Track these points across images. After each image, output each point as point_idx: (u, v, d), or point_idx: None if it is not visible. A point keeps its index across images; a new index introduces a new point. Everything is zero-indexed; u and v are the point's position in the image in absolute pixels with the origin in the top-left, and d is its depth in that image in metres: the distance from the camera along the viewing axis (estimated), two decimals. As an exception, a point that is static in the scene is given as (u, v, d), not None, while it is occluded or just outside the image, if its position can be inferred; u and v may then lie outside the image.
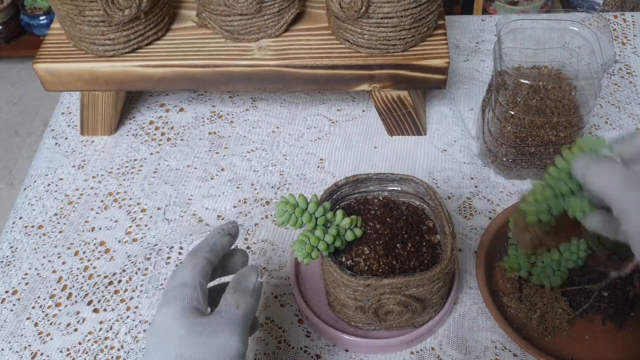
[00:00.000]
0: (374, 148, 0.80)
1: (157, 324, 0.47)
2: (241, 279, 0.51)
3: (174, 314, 0.47)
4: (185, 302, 0.47)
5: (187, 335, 0.46)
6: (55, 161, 0.82)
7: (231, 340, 0.46)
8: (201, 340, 0.45)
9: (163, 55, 0.74)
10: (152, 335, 0.47)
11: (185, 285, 0.48)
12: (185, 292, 0.48)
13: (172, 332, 0.46)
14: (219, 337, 0.46)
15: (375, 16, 0.68)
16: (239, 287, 0.50)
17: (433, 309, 0.60)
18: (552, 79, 0.70)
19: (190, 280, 0.49)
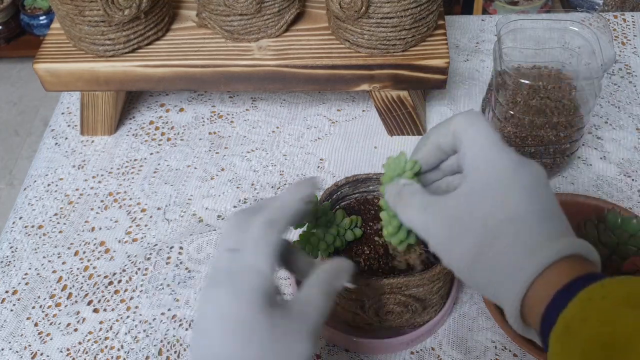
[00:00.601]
0: (374, 148, 0.80)
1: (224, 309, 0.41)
2: (333, 279, 0.44)
3: (249, 308, 0.40)
4: (261, 293, 0.41)
5: (269, 339, 0.40)
6: (55, 161, 0.82)
7: (311, 348, 0.41)
8: (282, 346, 0.40)
9: (163, 55, 0.74)
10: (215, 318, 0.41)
11: (259, 272, 0.41)
12: (260, 280, 0.41)
13: (249, 331, 0.40)
14: (298, 343, 0.40)
15: (375, 16, 0.68)
16: (329, 288, 0.44)
17: (433, 309, 0.60)
18: (552, 79, 0.70)
19: (266, 266, 0.42)
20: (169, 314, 0.66)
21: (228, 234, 0.44)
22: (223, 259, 0.43)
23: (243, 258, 0.42)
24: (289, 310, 0.42)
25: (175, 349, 0.64)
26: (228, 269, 0.42)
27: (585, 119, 0.68)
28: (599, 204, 0.65)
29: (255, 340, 0.40)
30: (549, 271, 0.39)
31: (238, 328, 0.40)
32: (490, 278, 0.41)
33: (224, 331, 0.40)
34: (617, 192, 0.73)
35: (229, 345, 0.40)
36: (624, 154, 0.76)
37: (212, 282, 0.42)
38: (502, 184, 0.42)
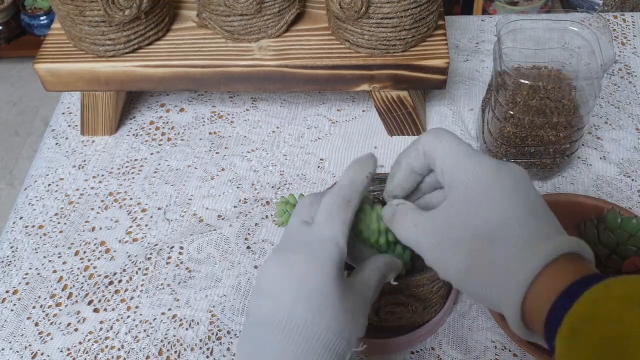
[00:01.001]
0: (374, 148, 0.80)
1: (301, 274, 0.42)
2: (388, 272, 0.47)
3: (327, 277, 0.42)
4: (337, 264, 0.43)
5: (339, 308, 0.42)
6: (55, 161, 0.82)
7: (364, 325, 0.44)
8: (348, 318, 0.42)
9: (163, 55, 0.74)
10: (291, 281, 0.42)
11: (338, 246, 0.43)
12: (338, 253, 0.43)
13: (324, 297, 0.42)
14: (359, 318, 0.43)
15: (375, 16, 0.68)
16: (382, 278, 0.47)
17: (433, 309, 0.60)
18: (552, 79, 0.70)
19: (342, 240, 0.44)
20: (169, 314, 0.66)
21: (302, 208, 0.47)
22: (297, 229, 0.45)
23: (319, 229, 0.44)
24: (353, 287, 0.44)
25: (175, 348, 0.64)
26: (303, 239, 0.44)
27: (585, 119, 0.68)
28: (598, 204, 0.65)
29: (328, 307, 0.41)
30: (545, 273, 0.39)
31: (313, 293, 0.41)
32: (487, 287, 0.41)
33: (300, 292, 0.41)
34: (617, 192, 0.73)
35: (303, 306, 0.41)
36: (623, 154, 0.76)
37: (287, 248, 0.44)
38: (484, 192, 0.42)
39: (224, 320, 0.65)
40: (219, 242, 0.72)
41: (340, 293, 0.42)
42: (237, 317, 0.66)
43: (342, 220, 0.45)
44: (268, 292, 0.43)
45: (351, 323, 0.43)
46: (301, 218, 0.46)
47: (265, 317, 0.42)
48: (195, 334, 0.65)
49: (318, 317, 0.41)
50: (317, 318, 0.41)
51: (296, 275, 0.42)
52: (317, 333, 0.41)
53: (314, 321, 0.41)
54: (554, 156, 0.71)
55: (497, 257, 0.41)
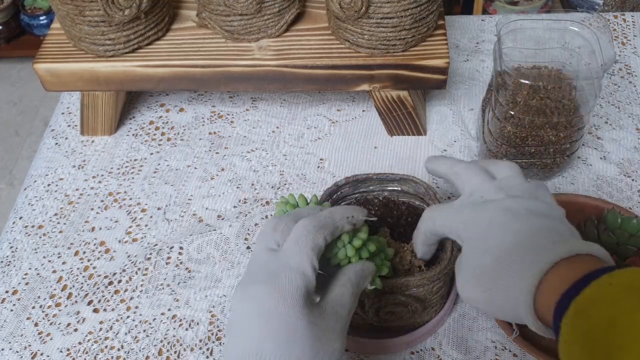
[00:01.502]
0: (374, 148, 0.80)
1: (265, 308, 0.42)
2: (360, 281, 0.47)
3: (292, 307, 0.42)
4: (303, 293, 0.43)
5: (309, 337, 0.42)
6: (55, 161, 0.82)
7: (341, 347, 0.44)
8: (320, 345, 0.42)
9: (163, 55, 0.74)
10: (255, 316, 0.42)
11: (304, 274, 0.43)
12: (304, 281, 0.43)
13: (291, 329, 0.42)
14: (332, 342, 0.43)
15: (375, 16, 0.68)
16: (356, 289, 0.47)
17: (433, 309, 0.60)
18: (552, 79, 0.70)
19: (309, 268, 0.44)
20: (169, 314, 0.66)
21: (267, 234, 0.46)
22: (263, 258, 0.45)
23: (286, 257, 0.44)
24: (324, 310, 0.44)
25: (175, 349, 0.64)
26: (269, 267, 0.44)
27: (585, 119, 0.68)
28: (599, 204, 0.65)
29: (297, 339, 0.41)
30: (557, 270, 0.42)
31: (281, 326, 0.41)
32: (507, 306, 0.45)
33: (266, 329, 0.41)
34: (617, 192, 0.73)
35: (271, 343, 0.41)
36: (624, 154, 0.76)
37: (251, 279, 0.44)
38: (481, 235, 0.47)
39: (223, 320, 0.65)
40: (219, 242, 0.72)
41: (308, 322, 0.42)
42: (237, 317, 0.65)
43: (311, 247, 0.44)
44: (237, 329, 0.43)
45: (323, 350, 0.42)
46: (266, 245, 0.46)
47: (236, 355, 0.42)
48: (195, 334, 0.65)
49: (287, 352, 0.41)
50: (286, 352, 0.41)
51: (262, 309, 0.42)
52: (282, 354, 0.41)
53: (282, 356, 0.41)
54: (554, 156, 0.70)
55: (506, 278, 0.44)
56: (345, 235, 0.49)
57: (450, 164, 0.54)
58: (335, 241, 0.49)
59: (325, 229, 0.46)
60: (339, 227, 0.47)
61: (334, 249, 0.49)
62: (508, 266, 0.45)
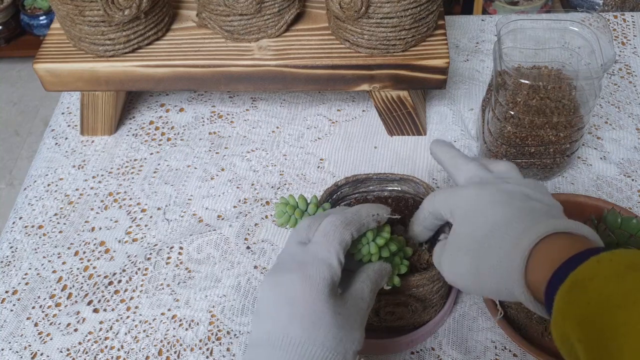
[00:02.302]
0: (374, 148, 0.80)
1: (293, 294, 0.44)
2: (379, 279, 0.50)
3: (318, 295, 0.44)
4: (329, 283, 0.45)
5: (333, 325, 0.44)
6: (55, 161, 0.82)
7: (360, 337, 0.46)
8: (342, 333, 0.44)
9: (163, 55, 0.74)
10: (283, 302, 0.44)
11: (330, 266, 0.45)
12: (330, 272, 0.45)
13: (317, 316, 0.44)
14: (354, 331, 0.45)
15: (375, 16, 0.68)
16: (375, 287, 0.49)
17: (433, 309, 0.60)
18: (552, 79, 0.70)
19: (336, 261, 0.46)
20: (169, 314, 0.66)
21: (300, 230, 0.49)
22: (293, 249, 0.47)
23: (314, 249, 0.46)
24: (346, 301, 0.46)
25: (175, 349, 0.64)
26: (298, 258, 0.46)
27: (585, 119, 0.68)
28: (599, 204, 0.65)
29: (322, 325, 0.44)
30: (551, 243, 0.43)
31: (307, 312, 0.44)
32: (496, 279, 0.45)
33: (293, 314, 0.44)
34: (617, 192, 0.73)
35: (298, 327, 0.43)
36: (624, 154, 0.76)
37: (282, 268, 0.46)
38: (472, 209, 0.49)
39: (223, 320, 0.65)
40: (219, 242, 0.72)
41: (333, 310, 0.44)
42: (237, 317, 0.65)
43: (338, 240, 0.47)
44: (265, 313, 0.45)
45: (346, 338, 0.45)
46: (298, 239, 0.49)
47: (263, 337, 0.44)
48: (195, 334, 0.65)
49: (312, 336, 0.43)
50: (312, 336, 0.43)
51: (290, 295, 0.44)
52: (312, 351, 0.43)
53: (308, 339, 0.43)
54: (554, 156, 0.70)
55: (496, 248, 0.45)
56: (370, 233, 0.51)
57: (454, 154, 0.56)
58: (360, 238, 0.51)
59: (352, 226, 0.48)
60: (365, 224, 0.49)
61: (358, 244, 0.51)
62: (499, 237, 0.45)
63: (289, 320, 0.44)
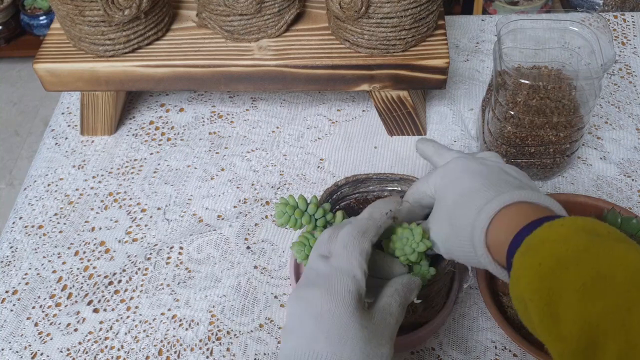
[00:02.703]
0: (374, 148, 0.80)
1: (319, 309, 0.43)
2: (408, 293, 0.48)
3: (344, 309, 0.43)
4: (354, 296, 0.44)
5: (359, 339, 0.43)
6: (55, 161, 0.82)
7: (389, 353, 0.45)
8: (370, 348, 0.43)
9: (163, 55, 0.74)
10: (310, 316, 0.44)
11: (355, 278, 0.45)
12: (355, 284, 0.45)
13: (343, 329, 0.43)
14: (382, 347, 0.44)
15: (375, 16, 0.68)
16: (404, 301, 0.48)
17: (433, 309, 0.60)
18: (552, 79, 0.70)
19: (359, 272, 0.45)
20: (169, 314, 0.66)
21: (321, 243, 0.48)
22: (315, 263, 0.47)
23: (336, 262, 0.46)
24: (373, 316, 0.45)
25: (175, 349, 0.64)
26: (321, 272, 0.45)
27: (585, 119, 0.68)
28: (598, 204, 0.65)
29: (349, 339, 0.43)
30: (512, 211, 0.45)
31: (333, 327, 0.43)
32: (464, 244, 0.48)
33: (319, 329, 0.43)
34: (617, 192, 0.73)
35: (323, 342, 0.43)
36: (624, 154, 0.76)
37: (307, 283, 0.46)
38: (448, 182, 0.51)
39: (223, 320, 0.65)
40: (219, 242, 0.72)
41: (359, 324, 0.43)
42: (237, 317, 0.65)
43: (359, 251, 0.46)
44: (291, 329, 0.45)
45: (373, 352, 0.43)
46: (319, 252, 0.48)
47: (290, 354, 0.44)
48: (195, 334, 0.65)
49: (339, 351, 0.42)
50: (338, 351, 0.42)
51: (315, 310, 0.44)
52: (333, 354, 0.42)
53: (334, 354, 0.42)
54: (554, 156, 0.70)
55: (466, 213, 0.47)
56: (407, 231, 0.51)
57: (438, 147, 0.58)
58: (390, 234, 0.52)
59: (369, 232, 0.48)
60: (382, 226, 0.49)
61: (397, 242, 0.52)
62: (469, 202, 0.47)
63: (314, 336, 0.43)
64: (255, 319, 0.65)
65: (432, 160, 0.58)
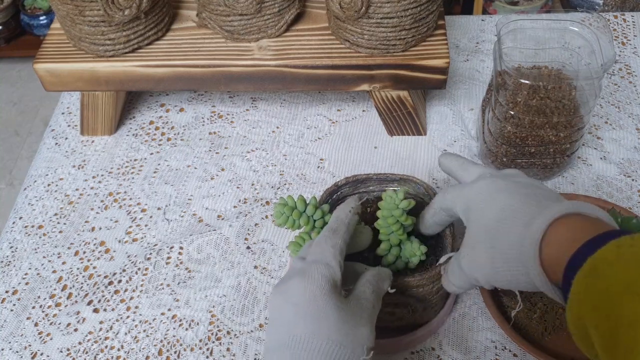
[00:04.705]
0: (374, 148, 0.80)
1: (296, 296, 0.46)
2: (379, 282, 0.51)
3: (319, 292, 0.46)
4: (329, 280, 0.46)
5: (337, 319, 0.45)
6: (55, 161, 0.82)
7: (370, 334, 0.47)
8: (348, 327, 0.45)
9: (163, 55, 0.74)
10: (288, 305, 0.46)
11: (328, 265, 0.48)
12: (329, 271, 0.47)
13: (319, 311, 0.45)
14: (360, 327, 0.46)
15: (376, 16, 0.68)
16: (377, 289, 0.50)
17: (433, 309, 0.60)
18: (552, 79, 0.70)
19: (333, 261, 0.48)
20: (169, 314, 0.66)
21: (303, 249, 0.53)
22: (295, 264, 0.50)
23: (312, 257, 0.49)
24: (349, 300, 0.47)
25: (175, 349, 0.64)
26: (299, 268, 0.48)
27: (585, 119, 0.68)
28: (599, 204, 0.65)
29: (324, 319, 0.45)
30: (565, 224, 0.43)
31: (310, 310, 0.45)
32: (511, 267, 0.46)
33: (297, 314, 0.45)
34: (617, 192, 0.73)
35: (302, 326, 0.45)
36: (624, 154, 0.76)
37: (285, 278, 0.48)
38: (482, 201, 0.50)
39: (223, 320, 0.65)
40: (219, 242, 0.72)
41: (335, 305, 0.45)
42: (237, 317, 0.65)
43: (331, 244, 0.49)
44: (273, 320, 0.47)
45: (352, 332, 0.45)
46: (299, 256, 0.51)
47: (274, 343, 0.46)
48: (195, 334, 0.65)
49: (317, 331, 0.44)
50: (316, 331, 0.44)
51: (293, 299, 0.46)
52: (318, 345, 0.44)
53: (313, 334, 0.44)
54: (554, 156, 0.70)
55: (508, 233, 0.46)
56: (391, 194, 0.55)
57: (463, 161, 0.57)
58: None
59: (339, 230, 0.51)
60: (350, 223, 0.52)
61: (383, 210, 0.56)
62: (510, 222, 0.46)
63: (294, 321, 0.45)
64: (255, 319, 0.65)
65: (456, 175, 0.57)
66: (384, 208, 0.56)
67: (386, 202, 0.56)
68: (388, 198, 0.56)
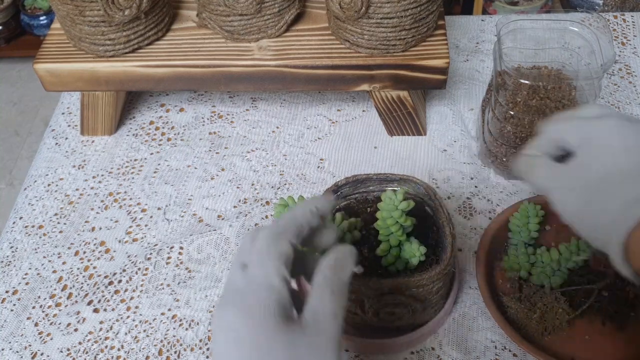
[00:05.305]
0: (374, 148, 0.80)
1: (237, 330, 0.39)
2: (339, 273, 0.41)
3: (262, 329, 0.38)
4: (272, 310, 0.39)
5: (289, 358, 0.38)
6: (55, 161, 0.82)
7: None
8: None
9: (163, 55, 0.74)
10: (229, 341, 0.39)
11: (271, 287, 0.39)
12: (272, 296, 0.39)
13: (264, 353, 0.38)
14: (323, 357, 0.38)
15: (375, 16, 0.68)
16: (337, 285, 0.41)
17: (433, 309, 0.60)
18: (552, 79, 0.70)
19: (276, 279, 0.40)
20: (169, 314, 0.66)
21: (241, 249, 0.43)
22: (234, 276, 0.42)
23: (252, 273, 0.41)
24: (305, 324, 0.39)
25: (175, 349, 0.64)
26: (238, 286, 0.41)
27: (585, 119, 0.68)
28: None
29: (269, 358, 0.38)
30: None
31: (254, 352, 0.38)
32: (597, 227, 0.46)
33: (241, 357, 0.38)
34: (617, 192, 0.73)
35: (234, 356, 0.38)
36: (624, 154, 0.76)
37: (225, 301, 0.41)
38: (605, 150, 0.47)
39: (223, 320, 0.65)
40: (219, 242, 0.72)
41: (285, 343, 0.38)
42: (237, 317, 0.65)
43: (275, 256, 0.41)
44: (217, 356, 0.40)
45: None
46: (240, 260, 0.42)
47: None
48: (195, 334, 0.65)
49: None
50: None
51: (234, 334, 0.39)
52: None
53: None
54: (554, 156, 0.70)
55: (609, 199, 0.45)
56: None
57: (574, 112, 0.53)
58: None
59: (287, 233, 0.42)
60: (304, 225, 0.43)
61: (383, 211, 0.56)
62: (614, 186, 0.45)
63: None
64: (255, 319, 0.65)
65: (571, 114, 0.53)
66: (383, 209, 0.56)
67: (385, 203, 0.56)
68: (387, 199, 0.55)
